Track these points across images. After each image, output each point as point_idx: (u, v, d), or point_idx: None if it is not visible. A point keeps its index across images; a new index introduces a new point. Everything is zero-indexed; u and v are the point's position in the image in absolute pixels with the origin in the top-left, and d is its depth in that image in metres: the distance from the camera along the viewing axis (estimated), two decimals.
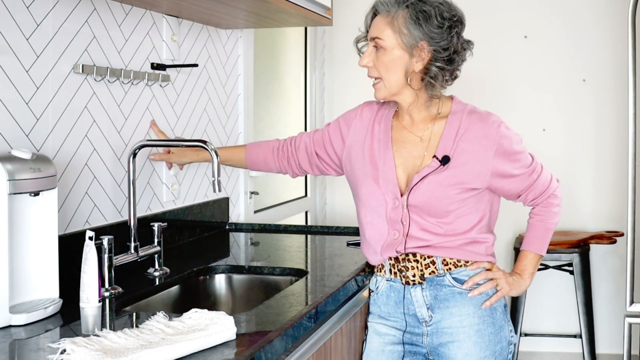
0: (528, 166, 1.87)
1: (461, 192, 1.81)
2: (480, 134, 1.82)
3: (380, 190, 1.86)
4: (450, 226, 1.83)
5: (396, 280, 1.89)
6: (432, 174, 1.81)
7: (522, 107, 3.88)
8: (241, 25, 2.65)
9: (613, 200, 3.83)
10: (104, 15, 1.99)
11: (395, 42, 1.79)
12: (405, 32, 1.77)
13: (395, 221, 1.85)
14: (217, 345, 1.31)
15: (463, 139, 1.82)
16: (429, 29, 1.76)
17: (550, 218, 1.95)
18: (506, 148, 1.82)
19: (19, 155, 1.47)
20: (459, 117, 1.85)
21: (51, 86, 1.80)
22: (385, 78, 1.82)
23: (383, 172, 1.87)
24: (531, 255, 1.97)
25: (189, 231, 2.45)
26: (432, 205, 1.81)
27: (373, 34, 1.83)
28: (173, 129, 2.37)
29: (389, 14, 1.80)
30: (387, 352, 1.90)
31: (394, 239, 1.86)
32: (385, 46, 1.80)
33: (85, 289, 1.57)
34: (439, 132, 1.85)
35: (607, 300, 3.84)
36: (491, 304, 1.86)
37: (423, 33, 1.76)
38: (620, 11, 3.66)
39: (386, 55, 1.81)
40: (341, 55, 4.05)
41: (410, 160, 1.87)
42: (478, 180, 1.82)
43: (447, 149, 1.82)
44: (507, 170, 1.84)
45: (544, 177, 1.92)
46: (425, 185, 1.81)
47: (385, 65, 1.81)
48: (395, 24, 1.78)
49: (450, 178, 1.80)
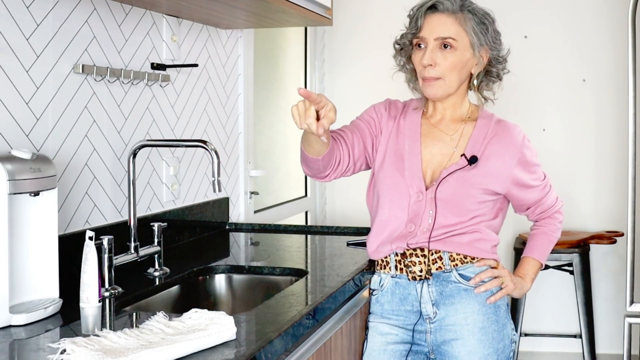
0: (542, 180, 1.97)
1: (483, 194, 1.86)
2: (508, 140, 1.89)
3: (405, 182, 1.88)
4: (465, 223, 1.86)
5: (402, 276, 1.90)
6: (460, 171, 1.86)
7: (522, 107, 3.88)
8: (241, 25, 2.65)
9: (613, 200, 3.83)
10: (104, 15, 1.99)
11: (467, 44, 1.84)
12: (474, 36, 1.83)
13: (417, 214, 1.87)
14: (217, 345, 1.31)
15: (491, 143, 1.89)
16: (491, 35, 1.87)
17: (553, 231, 2.04)
18: (528, 159, 1.91)
19: (19, 155, 1.47)
20: (488, 123, 1.92)
21: (51, 86, 1.80)
22: (448, 78, 1.85)
23: (409, 164, 1.89)
24: (533, 262, 2.03)
25: (189, 231, 2.45)
26: (458, 200, 1.85)
27: (441, 33, 1.82)
28: (173, 129, 2.37)
29: (455, 15, 1.83)
30: (388, 352, 1.90)
31: (409, 231, 1.87)
32: (457, 46, 1.83)
33: (85, 289, 1.57)
34: (469, 133, 1.91)
35: (607, 300, 3.84)
36: (496, 299, 1.88)
37: (486, 39, 1.86)
38: (620, 11, 3.66)
39: (455, 55, 1.83)
40: (341, 55, 4.05)
41: (438, 157, 1.90)
42: (500, 184, 1.87)
43: (475, 149, 1.88)
44: (525, 181, 1.91)
45: (553, 195, 2.02)
46: (454, 180, 1.85)
47: (452, 65, 1.84)
48: (468, 25, 1.83)
49: (476, 178, 1.85)
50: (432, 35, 1.83)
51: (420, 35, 1.85)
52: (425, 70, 1.84)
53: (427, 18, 1.85)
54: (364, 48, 3.99)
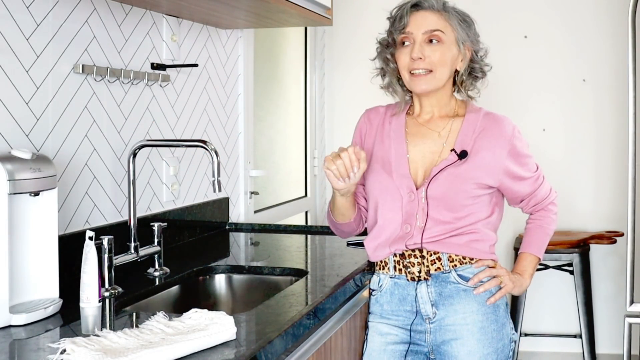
0: (534, 172, 1.96)
1: (476, 188, 1.86)
2: (497, 132, 1.89)
3: (395, 184, 1.88)
4: (462, 222, 1.86)
5: (401, 277, 1.90)
6: (450, 167, 1.85)
7: (522, 107, 3.88)
8: (241, 25, 2.65)
9: (613, 200, 3.82)
10: (104, 15, 1.99)
11: (453, 39, 1.87)
12: (459, 31, 1.87)
13: (411, 215, 1.87)
14: (217, 345, 1.31)
15: (481, 136, 1.89)
16: (472, 32, 1.91)
17: (548, 224, 2.02)
18: (518, 150, 1.90)
19: (19, 155, 1.47)
20: (476, 117, 1.92)
21: (51, 86, 1.80)
22: (438, 71, 1.86)
23: (397, 166, 1.89)
24: (530, 257, 2.01)
25: (189, 231, 2.45)
26: (451, 197, 1.84)
27: (429, 26, 1.85)
28: (173, 129, 2.37)
29: (439, 12, 1.87)
30: (388, 352, 1.90)
31: (405, 232, 1.87)
32: (444, 40, 1.86)
33: (85, 289, 1.57)
34: (457, 129, 1.91)
35: (607, 300, 3.84)
36: (495, 300, 1.88)
37: (468, 35, 1.89)
38: (620, 11, 3.66)
39: (443, 48, 1.86)
40: (341, 55, 4.05)
41: (428, 155, 1.90)
42: (492, 177, 1.87)
43: (465, 144, 1.88)
44: (517, 172, 1.90)
45: (546, 186, 2.00)
46: (444, 177, 1.85)
47: (441, 59, 1.86)
48: (454, 21, 1.87)
49: (468, 172, 1.85)
50: (420, 30, 1.85)
51: (407, 31, 1.86)
52: (414, 64, 1.85)
53: (412, 15, 1.87)
54: (364, 48, 3.96)
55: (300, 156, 3.83)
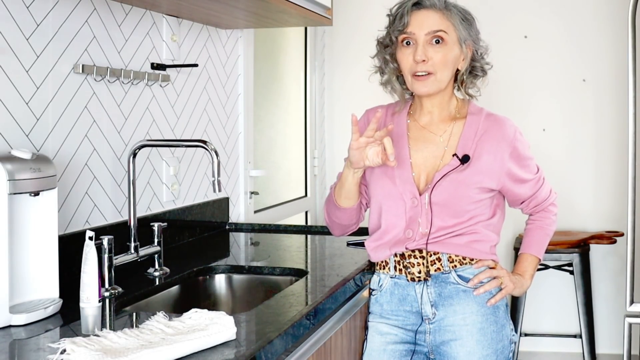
0: (535, 173, 1.95)
1: (480, 192, 1.85)
2: (499, 135, 1.87)
3: (398, 189, 1.87)
4: (463, 224, 1.85)
5: (401, 277, 1.89)
6: (453, 172, 1.83)
7: (521, 107, 3.88)
8: (241, 25, 2.65)
9: (613, 200, 3.82)
10: (104, 15, 1.99)
11: (455, 38, 1.84)
12: (461, 30, 1.84)
13: (414, 220, 1.86)
14: (217, 345, 1.31)
15: (482, 139, 1.86)
16: (473, 31, 1.87)
17: (548, 225, 2.02)
18: (520, 152, 1.89)
19: (19, 155, 1.47)
20: (478, 119, 1.89)
21: (51, 86, 1.80)
22: (440, 73, 1.83)
23: (399, 172, 1.88)
24: (530, 258, 2.01)
25: (189, 231, 2.45)
26: (454, 203, 1.83)
27: (432, 27, 1.81)
28: (173, 129, 2.37)
29: (441, 10, 1.83)
30: (388, 352, 1.90)
31: (407, 237, 1.87)
32: (447, 40, 1.82)
33: (85, 289, 1.57)
34: (459, 132, 1.89)
35: (607, 300, 3.84)
36: (496, 301, 1.87)
37: (470, 34, 1.86)
38: (620, 11, 3.66)
39: (446, 50, 1.82)
40: (341, 55, 4.05)
41: (431, 159, 1.88)
42: (494, 180, 1.86)
43: (466, 148, 1.86)
44: (518, 175, 1.89)
45: (547, 187, 1.99)
46: (447, 183, 1.83)
47: (444, 60, 1.82)
48: (456, 20, 1.83)
49: (470, 177, 1.84)
50: (423, 31, 1.81)
51: (408, 31, 1.82)
52: (417, 66, 1.82)
53: (413, 14, 1.83)
54: (364, 48, 3.97)
55: (300, 156, 3.83)
